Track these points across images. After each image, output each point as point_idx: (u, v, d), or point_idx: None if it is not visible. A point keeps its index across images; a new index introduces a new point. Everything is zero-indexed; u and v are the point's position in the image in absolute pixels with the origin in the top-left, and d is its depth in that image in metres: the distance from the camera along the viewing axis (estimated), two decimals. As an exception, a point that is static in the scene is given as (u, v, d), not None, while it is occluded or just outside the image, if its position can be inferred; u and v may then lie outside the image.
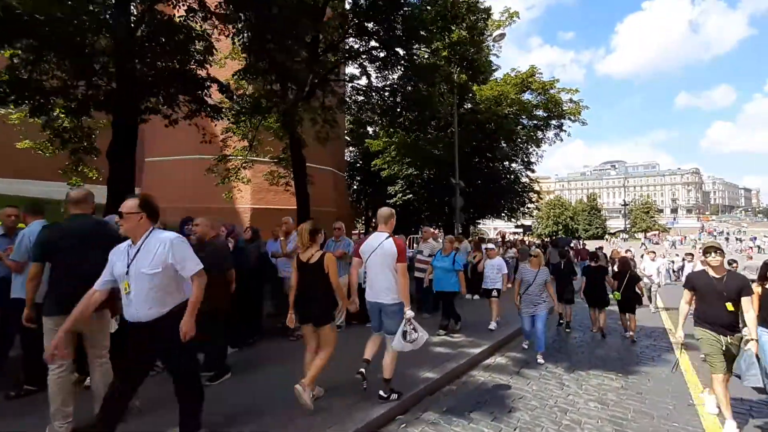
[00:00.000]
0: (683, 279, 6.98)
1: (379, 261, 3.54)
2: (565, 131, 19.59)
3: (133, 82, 6.84)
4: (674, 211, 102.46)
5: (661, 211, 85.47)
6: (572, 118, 18.37)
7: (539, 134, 18.76)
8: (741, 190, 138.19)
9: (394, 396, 3.60)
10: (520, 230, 31.90)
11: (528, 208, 25.46)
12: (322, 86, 14.40)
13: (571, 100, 18.60)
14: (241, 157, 14.70)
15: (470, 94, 18.73)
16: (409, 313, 3.43)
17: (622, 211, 67.52)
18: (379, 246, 3.55)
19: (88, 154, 9.16)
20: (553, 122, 19.31)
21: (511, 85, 17.46)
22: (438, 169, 20.91)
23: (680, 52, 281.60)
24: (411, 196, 24.07)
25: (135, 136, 7.60)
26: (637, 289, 7.15)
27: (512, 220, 26.11)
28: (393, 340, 3.47)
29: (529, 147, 19.95)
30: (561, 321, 7.80)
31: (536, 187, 24.44)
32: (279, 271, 6.13)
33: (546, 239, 23.46)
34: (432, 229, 11.59)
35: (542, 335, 5.48)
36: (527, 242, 16.42)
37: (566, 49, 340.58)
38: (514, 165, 23.90)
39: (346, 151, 32.25)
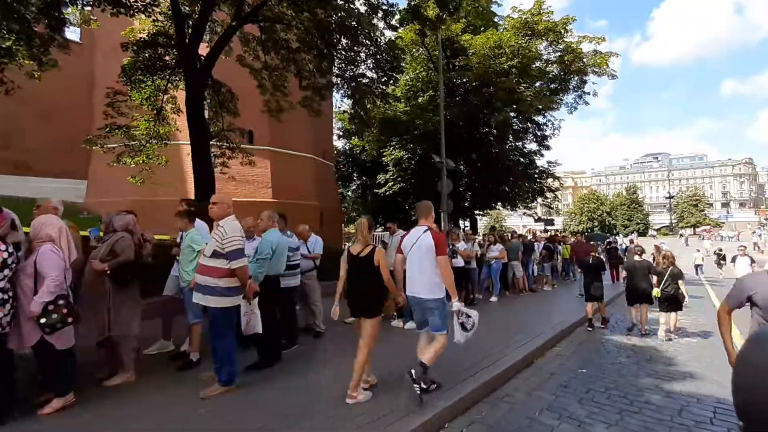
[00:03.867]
0: None
1: (418, 255, 3.47)
2: (588, 93, 15.21)
3: None
4: (725, 205, 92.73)
5: (711, 205, 76.66)
6: (597, 71, 13.96)
7: (555, 98, 14.38)
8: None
9: (433, 386, 3.42)
10: (541, 225, 27.18)
11: (546, 197, 21.08)
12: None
13: (595, 52, 14.22)
14: (144, 132, 11.51)
15: (460, 57, 14.79)
16: (456, 305, 3.41)
17: (667, 206, 60.38)
18: (418, 240, 3.47)
19: None
20: (573, 81, 14.97)
21: (511, 31, 13.31)
22: (430, 151, 17.25)
23: (724, 37, 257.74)
24: (402, 184, 20.33)
25: None
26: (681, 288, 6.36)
27: (526, 211, 21.72)
28: (454, 336, 3.41)
29: (541, 115, 15.61)
30: (590, 327, 6.75)
31: (555, 171, 19.97)
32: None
33: (558, 234, 18.75)
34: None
35: None
36: (531, 237, 12.22)
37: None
38: (528, 145, 19.71)
39: (347, 142, 28.77)
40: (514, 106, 14.37)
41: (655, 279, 6.54)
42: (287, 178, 19.88)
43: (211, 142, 13.66)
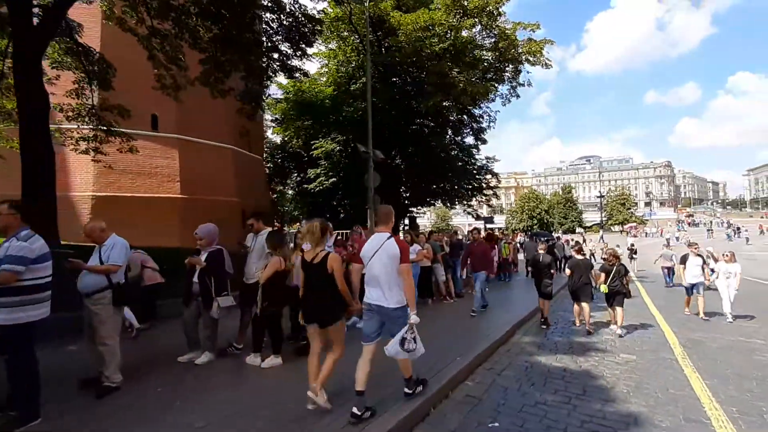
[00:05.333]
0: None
1: (381, 263, 3.28)
2: (523, 84, 14.55)
3: None
4: (648, 204, 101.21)
5: (636, 204, 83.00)
6: (531, 59, 13.21)
7: (489, 86, 13.37)
8: (709, 184, 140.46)
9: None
10: (481, 223, 26.79)
11: (485, 195, 20.42)
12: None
13: (530, 39, 13.49)
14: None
15: (391, 37, 13.41)
16: (414, 318, 3.18)
17: (598, 204, 64.05)
18: (381, 247, 3.29)
19: None
20: (508, 70, 14.18)
21: (443, 8, 12.13)
22: (361, 142, 15.77)
23: (647, 50, 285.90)
24: (335, 179, 18.60)
25: None
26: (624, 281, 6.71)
27: (466, 209, 20.94)
28: (388, 344, 3.19)
29: (476, 106, 14.68)
30: (543, 322, 6.86)
31: (493, 167, 19.34)
32: None
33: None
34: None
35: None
36: (462, 235, 11.13)
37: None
38: (466, 139, 18.90)
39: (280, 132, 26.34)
40: (450, 96, 13.18)
41: (603, 276, 6.70)
42: (200, 171, 17.39)
43: (82, 124, 11.25)
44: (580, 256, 7.05)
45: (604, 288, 6.61)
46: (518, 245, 15.36)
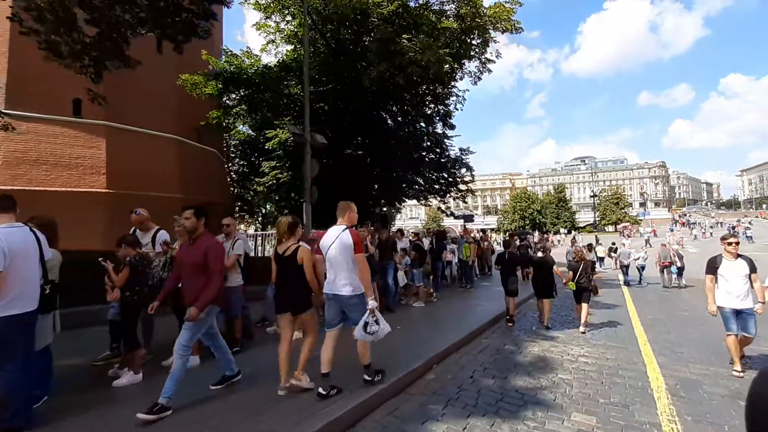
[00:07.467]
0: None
1: (337, 254, 3.48)
2: (492, 60, 12.64)
3: None
4: (642, 204, 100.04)
5: (630, 204, 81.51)
6: (499, 26, 11.30)
7: (443, 54, 11.20)
8: (703, 185, 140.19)
9: (378, 377, 3.58)
10: (461, 222, 24.84)
11: (460, 190, 18.48)
12: None
13: (497, 4, 11.63)
14: None
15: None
16: (371, 303, 3.37)
17: (592, 204, 62.32)
18: (337, 239, 3.50)
19: None
20: (475, 44, 12.27)
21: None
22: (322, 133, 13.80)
23: (641, 52, 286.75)
24: (290, 172, 16.60)
25: None
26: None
27: (440, 206, 19.00)
28: (355, 330, 3.40)
29: (438, 83, 12.71)
30: (508, 317, 6.87)
31: (468, 160, 17.40)
32: None
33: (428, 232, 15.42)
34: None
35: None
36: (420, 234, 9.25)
37: (533, 48, 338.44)
38: (435, 125, 16.98)
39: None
40: (396, 65, 11.08)
41: (570, 274, 6.76)
42: (133, 162, 15.32)
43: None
44: (541, 254, 7.14)
45: (571, 285, 6.64)
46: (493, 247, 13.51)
